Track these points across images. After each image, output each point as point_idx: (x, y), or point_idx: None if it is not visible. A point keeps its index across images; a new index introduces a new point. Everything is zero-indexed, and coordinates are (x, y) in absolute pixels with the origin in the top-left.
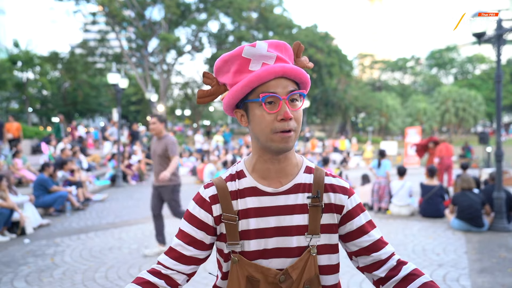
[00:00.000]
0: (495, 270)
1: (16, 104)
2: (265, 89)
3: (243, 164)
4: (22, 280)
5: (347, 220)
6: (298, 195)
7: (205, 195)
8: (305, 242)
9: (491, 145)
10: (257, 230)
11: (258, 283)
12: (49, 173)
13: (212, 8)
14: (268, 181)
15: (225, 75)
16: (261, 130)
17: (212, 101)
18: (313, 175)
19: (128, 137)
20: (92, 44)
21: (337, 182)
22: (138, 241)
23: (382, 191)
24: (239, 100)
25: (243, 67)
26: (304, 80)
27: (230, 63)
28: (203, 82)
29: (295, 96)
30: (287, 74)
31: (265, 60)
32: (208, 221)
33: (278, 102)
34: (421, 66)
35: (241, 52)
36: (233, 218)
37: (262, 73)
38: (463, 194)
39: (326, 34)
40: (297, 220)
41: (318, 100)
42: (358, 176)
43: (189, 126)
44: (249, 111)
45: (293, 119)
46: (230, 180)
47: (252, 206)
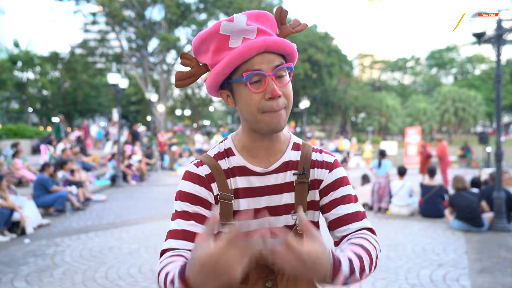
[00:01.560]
0: (495, 270)
1: (16, 104)
2: (248, 66)
3: (230, 141)
4: (22, 280)
5: (325, 194)
6: (286, 173)
7: (200, 173)
8: (291, 220)
9: (491, 145)
10: (248, 211)
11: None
12: (49, 173)
13: (212, 8)
14: (257, 160)
15: (204, 55)
16: (249, 111)
17: (193, 82)
18: (301, 151)
19: (128, 136)
20: (92, 44)
21: (323, 158)
22: (138, 241)
23: (382, 191)
24: (221, 81)
25: (222, 44)
26: (289, 52)
27: (208, 41)
28: (181, 64)
29: (282, 72)
30: (270, 47)
31: (246, 34)
32: (211, 199)
33: (264, 79)
34: (421, 66)
35: (218, 28)
36: (229, 197)
37: (243, 50)
38: (459, 194)
39: (326, 34)
40: (285, 198)
41: (318, 100)
42: (358, 176)
43: (189, 126)
44: (234, 91)
45: (282, 96)
46: (221, 158)
47: (242, 186)
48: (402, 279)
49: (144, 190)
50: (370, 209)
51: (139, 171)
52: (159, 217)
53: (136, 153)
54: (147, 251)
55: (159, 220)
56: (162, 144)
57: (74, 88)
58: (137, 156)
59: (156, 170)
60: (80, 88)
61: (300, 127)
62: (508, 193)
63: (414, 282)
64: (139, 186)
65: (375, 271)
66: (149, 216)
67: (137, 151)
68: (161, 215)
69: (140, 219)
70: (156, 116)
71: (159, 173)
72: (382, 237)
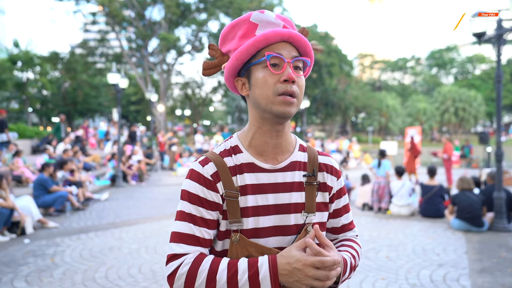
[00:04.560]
0: (495, 270)
1: (16, 104)
2: (270, 50)
3: (237, 139)
4: (22, 280)
5: (331, 201)
6: (295, 172)
7: (206, 173)
8: (301, 220)
9: (491, 145)
10: (256, 207)
11: None
12: (49, 173)
13: (212, 8)
14: (264, 157)
15: (230, 42)
16: (263, 92)
17: (217, 72)
18: (307, 153)
19: (127, 138)
20: (92, 44)
21: (329, 162)
22: (138, 241)
23: (382, 191)
24: (243, 62)
25: (250, 31)
26: (308, 50)
27: (237, 28)
28: (208, 54)
29: (299, 64)
30: (292, 39)
31: (272, 27)
32: (219, 200)
33: (282, 64)
34: (421, 66)
35: (250, 17)
36: (235, 194)
37: (269, 34)
38: (463, 194)
39: (326, 34)
40: (295, 197)
41: (318, 100)
42: (358, 176)
43: (189, 126)
44: (252, 75)
45: (296, 85)
46: (227, 156)
47: (250, 183)
48: (403, 279)
49: (144, 190)
50: (370, 209)
51: (139, 171)
52: (159, 217)
53: (136, 153)
54: (147, 251)
55: (159, 220)
56: (162, 144)
57: (74, 88)
58: (137, 156)
59: (156, 170)
60: (80, 88)
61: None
62: (508, 193)
63: (414, 282)
64: (139, 186)
65: (376, 271)
66: (149, 216)
67: (137, 151)
68: (161, 215)
69: (140, 219)
70: (156, 116)
71: (159, 173)
72: (382, 237)
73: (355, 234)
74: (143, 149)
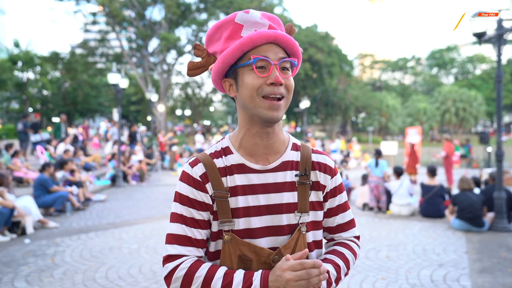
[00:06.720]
0: (495, 270)
1: (17, 104)
2: (256, 52)
3: (228, 140)
4: (23, 280)
5: (325, 200)
6: (286, 172)
7: (195, 174)
8: (294, 220)
9: (492, 145)
10: (247, 208)
11: (250, 263)
12: (49, 173)
13: (212, 8)
14: (255, 158)
15: (216, 43)
16: (249, 94)
17: (203, 72)
18: (300, 152)
19: (128, 138)
20: (92, 44)
21: (323, 160)
22: (138, 241)
23: (377, 190)
24: (229, 65)
25: (235, 33)
26: (295, 50)
27: (222, 29)
28: (194, 54)
29: (286, 65)
30: (278, 40)
31: (258, 27)
32: (209, 201)
33: (269, 67)
34: (421, 66)
35: (234, 18)
36: (225, 195)
37: (255, 36)
38: (464, 194)
39: (326, 34)
40: (287, 197)
41: (318, 100)
42: (358, 176)
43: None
44: (239, 77)
45: (284, 86)
46: (217, 157)
47: (240, 184)
48: (403, 279)
49: (144, 190)
50: (370, 209)
51: (139, 171)
52: (160, 217)
53: (137, 153)
54: (147, 251)
55: (160, 220)
56: (162, 144)
57: (74, 88)
58: (138, 156)
59: (156, 170)
60: (80, 88)
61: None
62: (508, 193)
63: (414, 282)
64: (140, 186)
65: (376, 271)
66: (149, 216)
67: (137, 151)
68: (161, 215)
69: (141, 219)
70: (156, 116)
71: (160, 173)
72: (382, 237)
73: (353, 235)
74: (143, 149)
